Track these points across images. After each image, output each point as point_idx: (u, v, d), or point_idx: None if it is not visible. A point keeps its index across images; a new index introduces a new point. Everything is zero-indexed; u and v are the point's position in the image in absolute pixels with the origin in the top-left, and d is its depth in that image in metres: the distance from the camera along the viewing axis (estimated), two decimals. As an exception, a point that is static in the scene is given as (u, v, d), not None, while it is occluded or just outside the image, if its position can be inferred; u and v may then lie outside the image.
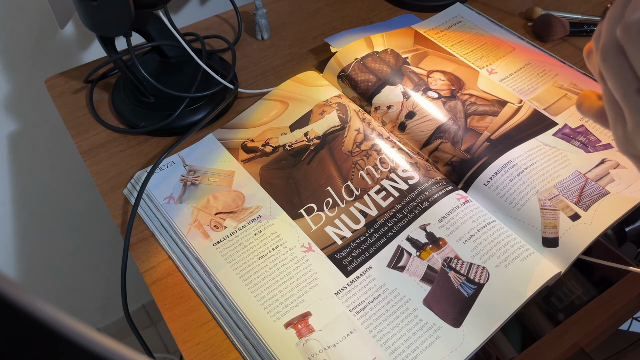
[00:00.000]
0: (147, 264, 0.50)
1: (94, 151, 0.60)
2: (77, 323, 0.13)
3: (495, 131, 0.56)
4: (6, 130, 0.81)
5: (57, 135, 0.85)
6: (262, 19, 0.70)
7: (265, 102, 0.62)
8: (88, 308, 1.23)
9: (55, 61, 0.78)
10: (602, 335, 0.51)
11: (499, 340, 0.59)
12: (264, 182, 0.55)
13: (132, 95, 0.62)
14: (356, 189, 0.53)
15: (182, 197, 0.54)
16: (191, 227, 0.51)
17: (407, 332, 0.43)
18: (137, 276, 0.51)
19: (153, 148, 0.60)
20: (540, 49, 0.68)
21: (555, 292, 0.63)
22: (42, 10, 0.72)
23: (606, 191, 0.51)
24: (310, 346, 0.43)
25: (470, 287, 0.45)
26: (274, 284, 0.47)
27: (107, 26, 0.53)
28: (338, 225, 0.51)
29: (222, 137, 0.59)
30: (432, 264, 0.47)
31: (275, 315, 0.45)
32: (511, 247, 0.47)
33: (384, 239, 0.49)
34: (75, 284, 1.14)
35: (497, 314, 0.44)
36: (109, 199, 0.55)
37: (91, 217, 1.02)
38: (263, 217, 0.52)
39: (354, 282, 0.47)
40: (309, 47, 0.71)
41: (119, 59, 0.58)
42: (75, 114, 0.64)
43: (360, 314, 0.45)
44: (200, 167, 0.56)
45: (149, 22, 0.59)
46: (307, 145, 0.57)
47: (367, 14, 0.76)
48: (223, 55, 0.69)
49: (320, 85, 0.63)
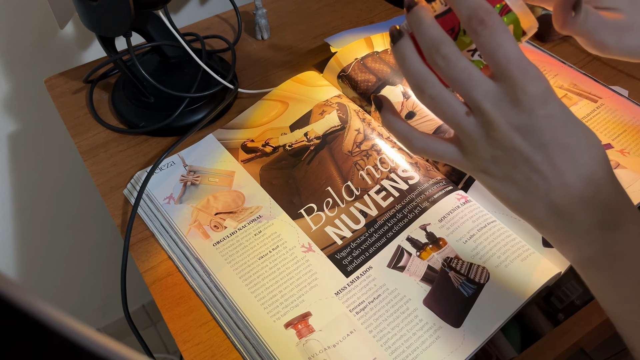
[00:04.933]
0: (147, 264, 0.50)
1: (94, 151, 0.60)
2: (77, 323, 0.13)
3: (495, 131, 0.56)
4: (6, 130, 0.81)
5: (57, 135, 0.85)
6: (262, 19, 0.70)
7: (265, 102, 0.62)
8: (88, 308, 1.23)
9: (55, 61, 0.78)
10: (602, 335, 0.51)
11: (499, 340, 0.59)
12: (264, 182, 0.54)
13: (132, 95, 0.62)
14: (356, 189, 0.53)
15: (182, 197, 0.54)
16: (191, 227, 0.51)
17: (407, 332, 0.43)
18: (137, 276, 0.51)
19: (153, 148, 0.60)
20: (540, 49, 0.68)
21: (555, 292, 0.63)
22: (42, 10, 0.72)
23: (606, 191, 0.51)
24: (310, 346, 0.43)
25: (470, 287, 0.45)
26: (274, 284, 0.47)
27: (107, 26, 0.53)
28: (338, 225, 0.51)
29: (222, 137, 0.59)
30: (432, 264, 0.47)
31: (275, 315, 0.45)
32: (511, 247, 0.47)
33: (384, 239, 0.49)
34: (75, 284, 1.14)
35: (497, 314, 0.44)
36: (109, 199, 0.55)
37: (91, 217, 1.02)
38: (263, 217, 0.52)
39: (354, 282, 0.47)
40: (309, 47, 0.71)
41: (119, 59, 0.58)
42: (75, 114, 0.64)
43: (360, 314, 0.45)
44: (200, 167, 0.56)
45: (149, 22, 0.59)
46: (307, 145, 0.57)
47: (367, 14, 0.76)
48: (223, 55, 0.69)
49: (320, 85, 0.63)
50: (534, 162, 0.31)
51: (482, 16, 0.30)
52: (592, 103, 0.60)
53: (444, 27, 0.33)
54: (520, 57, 0.30)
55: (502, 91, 0.30)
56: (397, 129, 0.35)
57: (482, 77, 0.31)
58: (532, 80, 0.30)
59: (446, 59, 0.31)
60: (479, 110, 0.31)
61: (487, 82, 0.31)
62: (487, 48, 0.30)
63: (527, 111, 0.30)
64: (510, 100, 0.30)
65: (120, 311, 1.25)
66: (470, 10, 0.30)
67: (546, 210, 0.32)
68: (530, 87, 0.30)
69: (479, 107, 0.31)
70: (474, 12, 0.30)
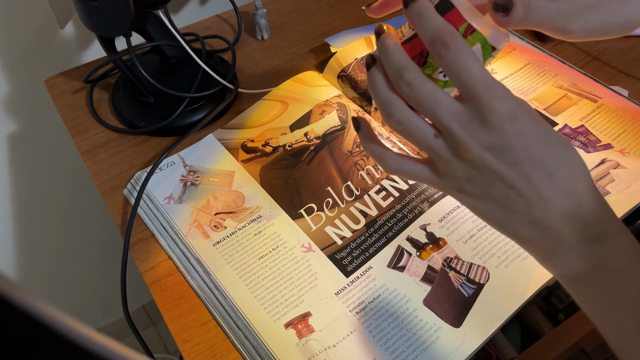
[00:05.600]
0: (147, 264, 0.50)
1: (94, 151, 0.60)
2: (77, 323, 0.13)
3: (495, 131, 0.56)
4: (6, 130, 0.81)
5: (57, 135, 0.85)
6: (262, 19, 0.70)
7: (265, 102, 0.62)
8: (88, 308, 1.23)
9: (55, 61, 0.78)
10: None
11: (499, 340, 0.59)
12: (264, 182, 0.54)
13: (132, 95, 0.62)
14: (356, 189, 0.53)
15: (182, 197, 0.54)
16: (191, 227, 0.51)
17: (407, 332, 0.43)
18: (137, 276, 0.51)
19: (153, 148, 0.60)
20: (540, 49, 0.68)
21: (555, 292, 0.63)
22: (42, 10, 0.72)
23: (606, 191, 0.51)
24: (310, 346, 0.43)
25: (470, 287, 0.45)
26: (274, 284, 0.47)
27: (107, 26, 0.53)
28: (338, 225, 0.51)
29: (222, 137, 0.59)
30: (433, 264, 0.47)
31: (275, 315, 0.45)
32: (511, 247, 0.47)
33: (384, 239, 0.49)
34: (75, 284, 1.14)
35: (497, 314, 0.44)
36: (109, 199, 0.55)
37: (91, 217, 1.02)
38: (263, 217, 0.52)
39: (354, 282, 0.47)
40: (309, 47, 0.71)
41: (119, 59, 0.58)
42: (75, 114, 0.64)
43: (360, 314, 0.45)
44: (200, 167, 0.56)
45: (149, 22, 0.59)
46: (307, 145, 0.57)
47: (367, 14, 0.76)
48: (223, 55, 0.69)
49: (320, 85, 0.63)
50: (509, 180, 0.31)
51: (445, 39, 0.30)
52: (592, 103, 0.60)
53: (413, 51, 0.34)
54: (486, 77, 0.30)
55: (469, 112, 0.31)
56: (371, 149, 0.36)
57: (448, 99, 0.31)
58: (498, 99, 0.30)
59: (410, 84, 0.31)
60: (448, 132, 0.31)
61: (454, 104, 0.31)
62: (452, 70, 0.31)
63: (496, 130, 0.30)
64: (479, 120, 0.30)
65: (120, 311, 1.25)
66: (433, 33, 0.31)
67: (529, 227, 0.32)
68: (497, 106, 0.30)
69: (448, 129, 0.31)
70: (437, 35, 0.31)
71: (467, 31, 0.32)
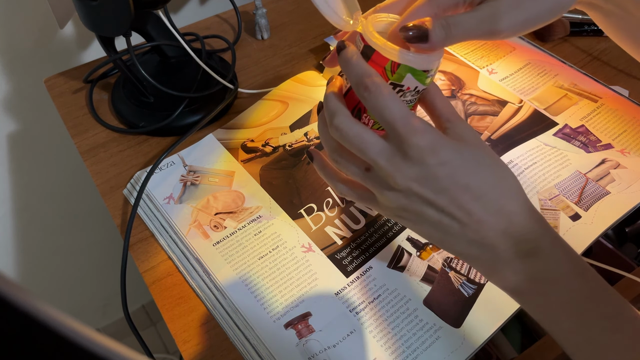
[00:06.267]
0: (147, 264, 0.50)
1: (94, 151, 0.60)
2: (77, 323, 0.13)
3: (496, 131, 0.56)
4: (6, 130, 0.81)
5: (57, 135, 0.85)
6: (262, 19, 0.70)
7: (265, 102, 0.62)
8: (88, 308, 1.23)
9: (55, 61, 0.78)
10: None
11: (499, 340, 0.59)
12: (264, 182, 0.54)
13: (132, 95, 0.62)
14: (356, 189, 0.53)
15: (182, 197, 0.53)
16: (191, 227, 0.51)
17: (407, 332, 0.43)
18: (137, 276, 0.51)
19: (153, 148, 0.60)
20: (540, 49, 0.68)
21: (555, 292, 0.63)
22: (42, 10, 0.72)
23: (607, 191, 0.51)
24: (310, 346, 0.43)
25: (470, 287, 0.45)
26: (274, 284, 0.47)
27: (107, 26, 0.53)
28: (338, 226, 0.51)
29: (222, 137, 0.59)
30: (433, 264, 0.47)
31: (275, 315, 0.45)
32: (511, 247, 0.47)
33: (384, 239, 0.49)
34: (75, 284, 1.14)
35: (497, 314, 0.44)
36: (108, 199, 0.55)
37: (91, 217, 1.02)
38: (263, 217, 0.52)
39: (354, 282, 0.47)
40: (309, 47, 0.71)
41: (118, 59, 0.58)
42: (75, 114, 0.64)
43: (360, 314, 0.45)
44: (200, 167, 0.56)
45: (149, 22, 0.59)
46: (307, 145, 0.57)
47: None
48: (223, 55, 0.69)
49: (320, 85, 0.63)
50: (440, 205, 0.33)
51: (366, 83, 0.33)
52: (593, 103, 0.60)
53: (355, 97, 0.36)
54: (405, 115, 0.32)
55: (393, 147, 0.33)
56: (324, 175, 0.40)
57: (374, 139, 0.33)
58: (417, 134, 0.32)
59: (338, 129, 0.34)
60: (377, 167, 0.34)
61: (379, 142, 0.33)
62: (375, 111, 0.33)
63: (418, 163, 0.32)
64: (401, 155, 0.33)
65: (120, 311, 1.25)
66: (357, 78, 0.33)
67: (468, 245, 0.33)
68: (416, 141, 0.32)
69: (376, 164, 0.34)
70: (360, 79, 0.33)
71: (393, 67, 0.34)
